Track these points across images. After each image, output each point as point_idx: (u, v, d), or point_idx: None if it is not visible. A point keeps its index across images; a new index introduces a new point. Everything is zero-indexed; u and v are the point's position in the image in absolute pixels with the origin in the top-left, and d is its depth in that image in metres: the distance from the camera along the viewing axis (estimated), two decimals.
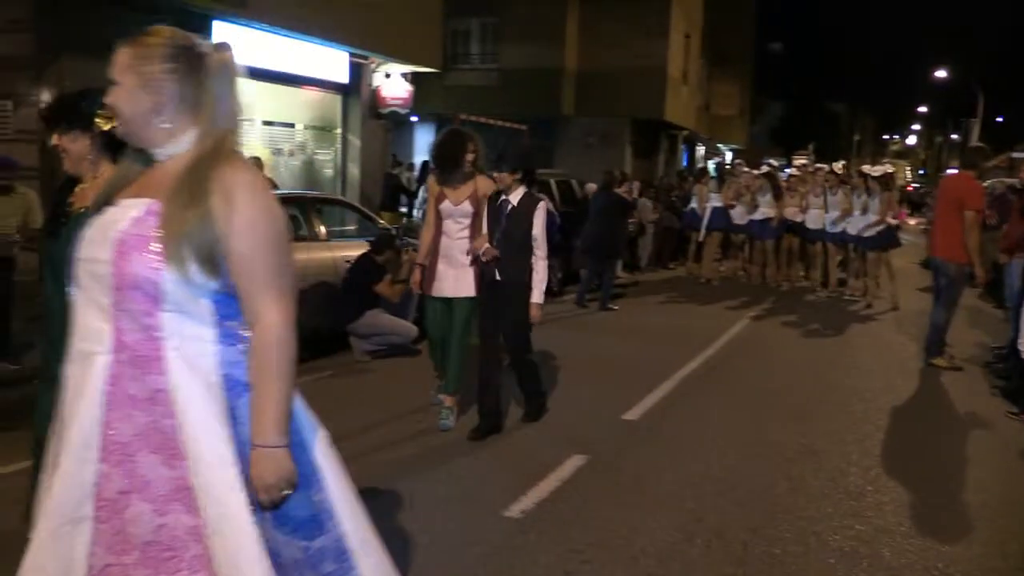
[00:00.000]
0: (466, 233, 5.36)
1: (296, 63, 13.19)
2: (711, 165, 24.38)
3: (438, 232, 5.47)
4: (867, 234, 11.32)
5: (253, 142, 13.35)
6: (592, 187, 12.00)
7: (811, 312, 10.80)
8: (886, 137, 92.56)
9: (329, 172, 15.25)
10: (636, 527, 3.98)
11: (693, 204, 13.67)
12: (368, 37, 13.65)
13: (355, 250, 7.58)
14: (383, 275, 7.29)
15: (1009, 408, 6.31)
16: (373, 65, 14.95)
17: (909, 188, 44.82)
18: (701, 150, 32.86)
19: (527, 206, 5.11)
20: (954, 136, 66.61)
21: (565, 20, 22.78)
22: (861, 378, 7.28)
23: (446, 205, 5.38)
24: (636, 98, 22.69)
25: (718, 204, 13.21)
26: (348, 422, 5.60)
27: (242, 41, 12.01)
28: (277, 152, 13.93)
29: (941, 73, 44.69)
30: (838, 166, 13.21)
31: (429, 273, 5.49)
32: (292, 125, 14.38)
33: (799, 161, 14.00)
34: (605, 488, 4.49)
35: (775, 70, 41.64)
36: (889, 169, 12.24)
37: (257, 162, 11.56)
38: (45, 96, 9.70)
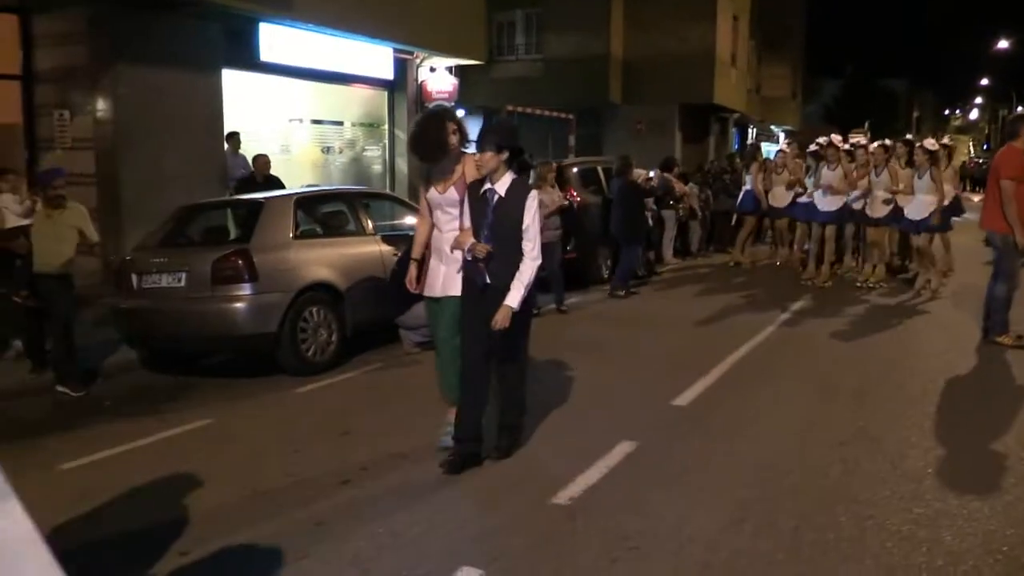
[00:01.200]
0: (456, 224, 4.65)
1: (342, 61, 13.33)
2: (768, 147, 23.73)
3: (429, 225, 4.85)
4: (916, 217, 10.30)
5: (303, 141, 13.56)
6: (641, 173, 11.87)
7: (862, 294, 10.51)
8: (947, 113, 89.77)
9: (378, 168, 15.38)
10: (684, 514, 3.93)
11: (748, 186, 13.23)
12: (412, 32, 13.72)
13: (402, 244, 7.62)
14: None
15: None
16: (418, 60, 15.03)
17: (971, 164, 43.45)
18: (753, 132, 32.28)
19: (517, 195, 4.37)
20: (1020, 108, 64.25)
21: (610, 7, 22.59)
22: (919, 359, 7.07)
23: (433, 194, 4.70)
24: (684, 83, 22.41)
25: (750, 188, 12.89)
26: (398, 413, 5.67)
27: (288, 41, 12.19)
28: (327, 150, 14.08)
29: (1003, 44, 43.15)
30: (930, 142, 11.21)
31: (425, 270, 4.86)
32: (340, 123, 14.54)
33: (854, 140, 13.37)
34: (653, 475, 4.44)
35: (828, 49, 40.66)
36: (946, 142, 11.80)
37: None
38: (100, 105, 9.98)
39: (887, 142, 11.82)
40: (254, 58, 11.86)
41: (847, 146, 11.77)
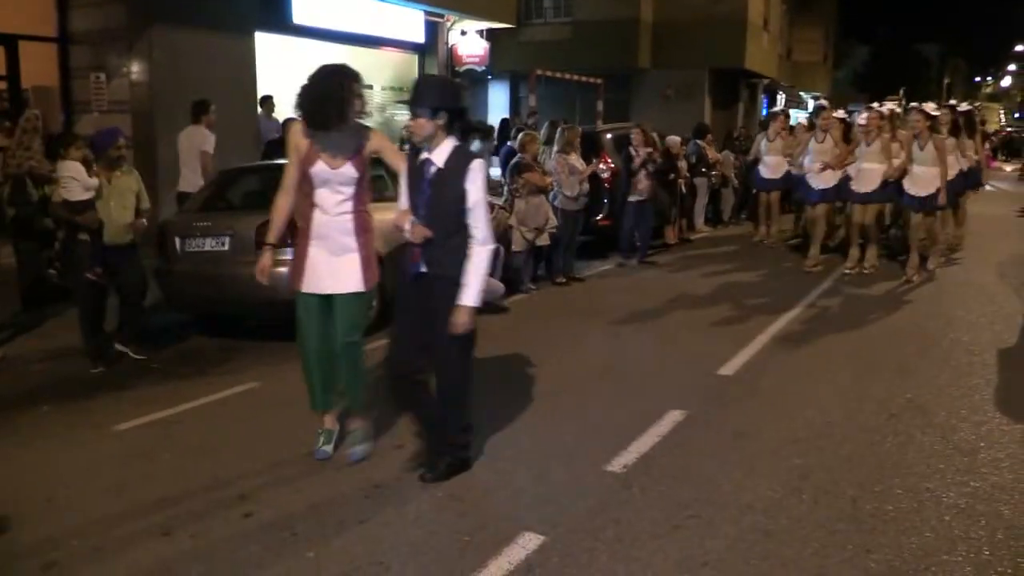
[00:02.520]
0: (349, 206, 4.01)
1: (373, 24, 13.26)
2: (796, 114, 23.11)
3: (306, 204, 4.07)
4: (918, 192, 8.95)
5: None
6: (674, 139, 11.73)
7: (900, 268, 10.34)
8: (978, 80, 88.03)
9: (406, 134, 15.31)
10: (740, 482, 3.94)
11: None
12: None
13: None
14: None
15: None
16: (448, 23, 14.89)
17: (1003, 133, 42.67)
18: (782, 99, 31.83)
19: (458, 166, 3.69)
20: None
21: None
22: (964, 331, 7.00)
23: (320, 169, 3.97)
24: (715, 47, 22.06)
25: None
26: None
27: (321, 4, 12.12)
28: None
29: None
30: (930, 106, 10.03)
31: (297, 260, 4.13)
32: (370, 87, 14.46)
33: (889, 106, 12.79)
34: (705, 443, 4.46)
35: (859, 12, 39.88)
36: (965, 107, 10.93)
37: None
38: (135, 68, 9.98)
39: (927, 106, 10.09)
40: (287, 21, 11.83)
41: (842, 114, 10.48)
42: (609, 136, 11.56)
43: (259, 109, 11.40)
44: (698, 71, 22.78)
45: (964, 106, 11.14)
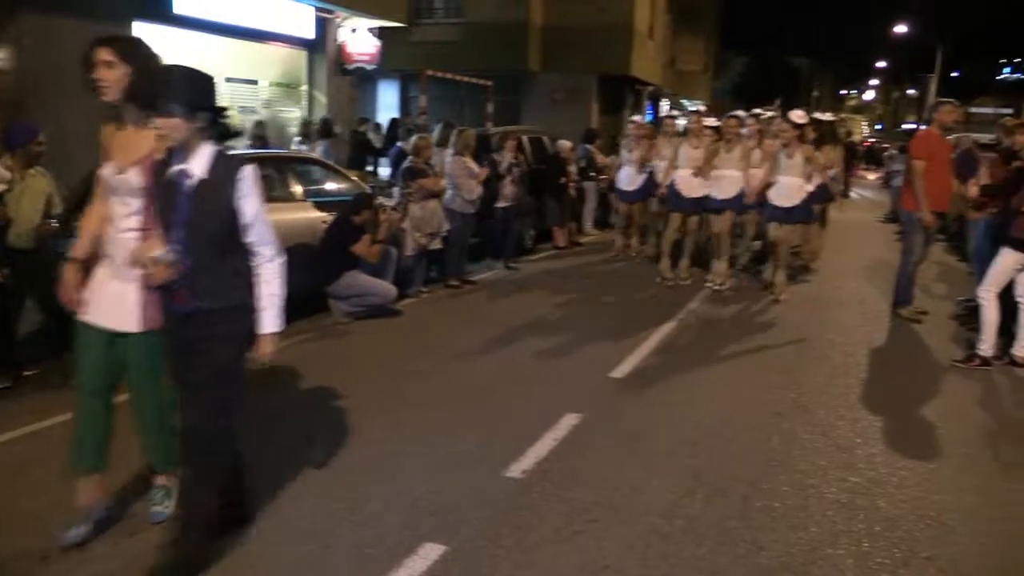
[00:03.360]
0: (134, 223, 3.24)
1: (260, 18, 12.83)
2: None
3: (105, 215, 3.36)
4: (783, 203, 8.45)
5: (218, 100, 13.01)
6: (565, 144, 11.90)
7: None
8: (843, 92, 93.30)
9: (294, 130, 14.94)
10: (637, 484, 4.01)
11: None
12: None
13: (332, 211, 7.46)
14: (361, 236, 7.18)
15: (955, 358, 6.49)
16: (339, 20, 14.60)
17: (866, 143, 45.37)
18: (665, 105, 32.81)
19: (224, 176, 3.02)
20: (911, 91, 67.33)
21: None
22: (838, 332, 7.38)
23: (108, 171, 3.31)
24: (602, 53, 22.51)
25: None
26: (330, 386, 5.55)
27: None
28: (242, 110, 13.57)
29: (900, 28, 45.02)
30: (797, 114, 8.84)
31: (88, 283, 3.36)
32: (255, 82, 14.02)
33: (767, 115, 13.23)
34: (602, 446, 4.52)
35: (738, 25, 41.62)
36: (829, 117, 10.64)
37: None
38: (2, 56, 9.32)
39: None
40: (167, 11, 11.29)
41: (713, 121, 9.58)
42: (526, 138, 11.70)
43: None
44: (586, 76, 23.19)
45: (828, 116, 11.22)
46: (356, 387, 5.45)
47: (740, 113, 9.88)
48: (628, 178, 10.75)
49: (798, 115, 8.52)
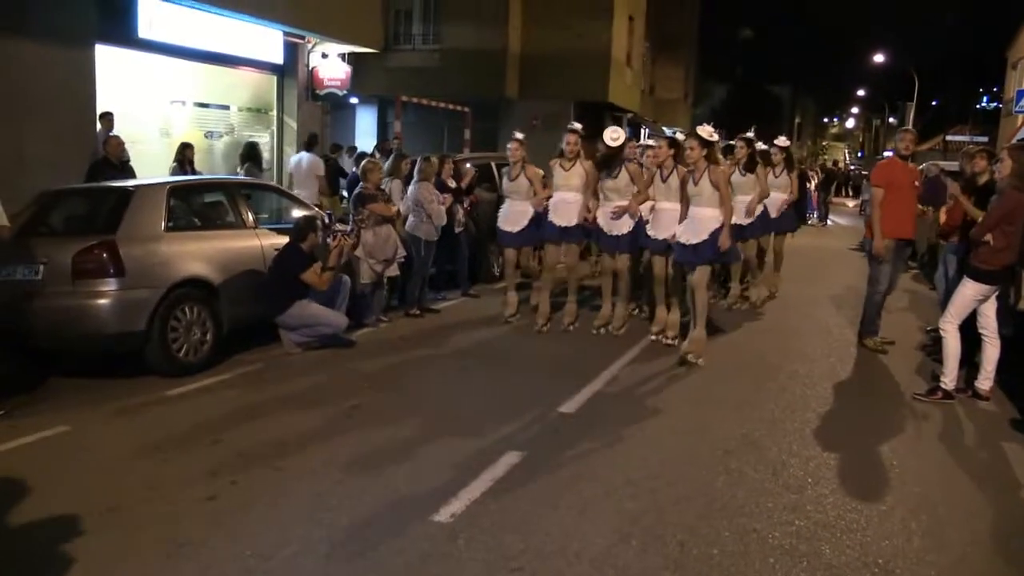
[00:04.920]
0: None
1: (228, 43, 12.72)
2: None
3: None
4: (690, 240, 6.92)
5: (185, 125, 12.87)
6: (536, 171, 11.75)
7: (740, 303, 10.63)
8: (825, 120, 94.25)
9: (265, 155, 14.78)
10: (570, 530, 3.82)
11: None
12: (303, 15, 13.22)
13: (285, 238, 7.28)
14: (310, 263, 6.99)
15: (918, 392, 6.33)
16: (309, 44, 14.52)
17: (844, 169, 45.71)
18: (645, 133, 32.90)
19: None
20: (891, 120, 68.03)
21: (508, 0, 22.48)
22: (801, 363, 7.23)
23: None
24: (580, 80, 22.53)
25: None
26: (273, 420, 5.36)
27: (170, 18, 11.54)
28: (210, 135, 13.43)
29: (879, 58, 45.54)
30: (706, 130, 7.16)
31: None
32: (226, 107, 13.88)
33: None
34: (540, 486, 4.32)
35: (719, 53, 41.94)
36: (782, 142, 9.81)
37: (188, 148, 11.09)
38: None
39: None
40: (132, 34, 11.16)
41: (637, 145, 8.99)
42: (469, 166, 11.50)
43: (98, 126, 10.67)
44: (564, 103, 23.18)
45: (782, 140, 10.02)
46: (291, 420, 5.27)
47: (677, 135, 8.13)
48: (511, 216, 8.26)
49: (706, 131, 6.93)
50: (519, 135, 8.34)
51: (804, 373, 6.89)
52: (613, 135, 7.74)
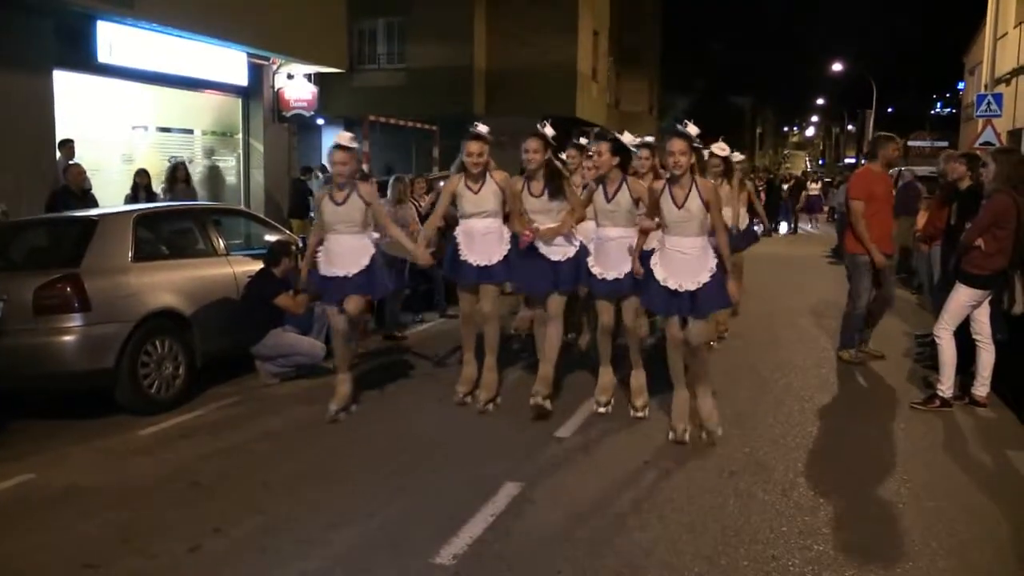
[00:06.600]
0: None
1: (191, 65, 12.44)
2: None
3: None
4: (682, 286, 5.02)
5: (148, 150, 12.53)
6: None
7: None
8: (786, 129, 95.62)
9: (232, 179, 14.48)
10: (580, 565, 3.59)
11: None
12: (267, 36, 12.99)
13: (258, 264, 7.00)
14: (283, 288, 6.72)
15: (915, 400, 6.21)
16: (274, 66, 14.28)
17: (804, 177, 46.13)
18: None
19: None
20: (850, 127, 69.10)
21: (472, 18, 22.43)
22: (794, 375, 7.09)
23: None
24: (547, 96, 22.51)
25: None
26: (253, 458, 5.08)
27: (130, 42, 11.25)
28: (173, 160, 13.10)
29: (837, 67, 46.24)
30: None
31: None
32: (190, 131, 13.58)
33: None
34: (543, 520, 4.09)
35: (681, 66, 42.27)
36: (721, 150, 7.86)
37: (142, 175, 10.78)
38: None
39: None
40: (92, 59, 10.84)
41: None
42: (442, 184, 11.28)
43: (58, 154, 10.32)
44: (531, 118, 23.06)
45: (720, 147, 8.04)
46: (273, 458, 4.99)
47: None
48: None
49: (626, 139, 5.91)
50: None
51: (798, 385, 6.74)
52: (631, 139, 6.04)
